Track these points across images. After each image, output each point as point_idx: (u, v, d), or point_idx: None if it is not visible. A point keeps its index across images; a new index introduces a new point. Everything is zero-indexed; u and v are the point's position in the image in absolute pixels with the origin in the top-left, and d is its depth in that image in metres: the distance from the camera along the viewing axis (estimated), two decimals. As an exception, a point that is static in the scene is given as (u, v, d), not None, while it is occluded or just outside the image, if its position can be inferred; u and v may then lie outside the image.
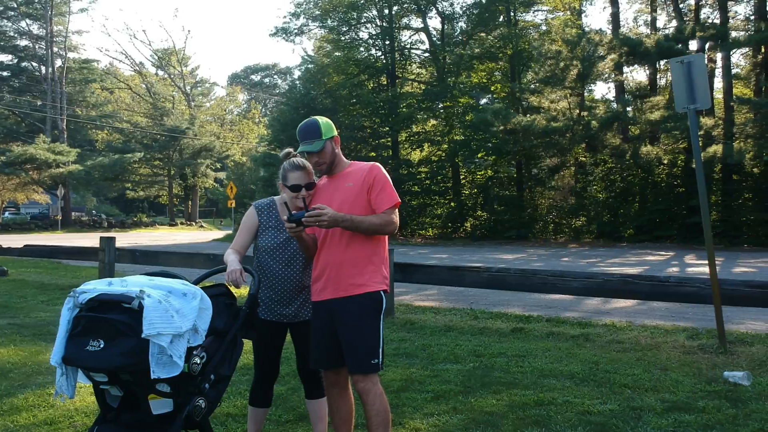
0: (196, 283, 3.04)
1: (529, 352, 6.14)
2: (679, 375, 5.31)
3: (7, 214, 55.16)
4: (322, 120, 3.41)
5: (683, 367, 5.54)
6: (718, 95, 28.66)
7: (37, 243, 15.62)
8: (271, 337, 3.52)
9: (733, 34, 25.95)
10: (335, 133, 3.43)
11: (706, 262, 6.36)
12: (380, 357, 3.20)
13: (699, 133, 23.58)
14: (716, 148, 22.89)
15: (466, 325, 7.45)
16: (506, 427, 4.07)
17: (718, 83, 28.38)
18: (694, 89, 5.92)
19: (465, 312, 8.39)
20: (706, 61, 6.11)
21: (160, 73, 60.31)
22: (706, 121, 23.21)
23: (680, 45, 24.83)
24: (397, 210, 3.34)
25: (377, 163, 3.39)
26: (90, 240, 28.91)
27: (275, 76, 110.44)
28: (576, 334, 6.81)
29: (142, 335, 2.54)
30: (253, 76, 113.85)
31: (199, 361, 2.76)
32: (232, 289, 3.18)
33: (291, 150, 3.63)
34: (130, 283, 2.74)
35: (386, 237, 3.37)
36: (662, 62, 27.56)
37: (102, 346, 2.60)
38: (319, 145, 3.30)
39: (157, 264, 10.25)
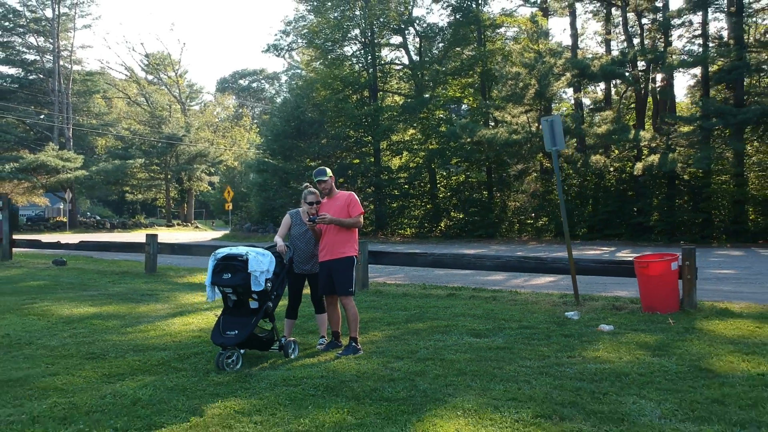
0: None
1: (453, 305, 9.49)
2: (539, 315, 8.67)
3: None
4: (327, 168, 6.78)
5: (545, 312, 8.91)
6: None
7: (90, 239, 18.70)
8: (298, 281, 6.85)
9: (675, 56, 29.55)
10: (332, 174, 6.79)
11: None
12: (353, 287, 6.55)
13: (642, 144, 26.93)
14: (654, 158, 26.45)
15: (417, 293, 10.81)
16: (424, 334, 7.41)
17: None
18: (555, 137, 9.30)
19: (418, 285, 11.77)
20: (561, 120, 9.42)
21: (152, 78, 63.40)
22: (645, 135, 26.79)
23: (625, 67, 28.42)
24: (362, 216, 6.70)
25: (353, 192, 6.76)
26: (101, 239, 31.93)
27: (263, 81, 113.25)
28: (488, 297, 10.19)
29: (248, 271, 5.87)
30: (241, 81, 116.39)
31: (270, 285, 6.08)
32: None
33: (308, 183, 6.97)
34: (241, 249, 6.07)
35: (357, 229, 6.72)
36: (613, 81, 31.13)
37: (230, 276, 5.93)
38: (325, 177, 6.65)
39: (190, 254, 13.53)
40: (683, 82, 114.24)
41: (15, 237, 16.56)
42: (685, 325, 7.71)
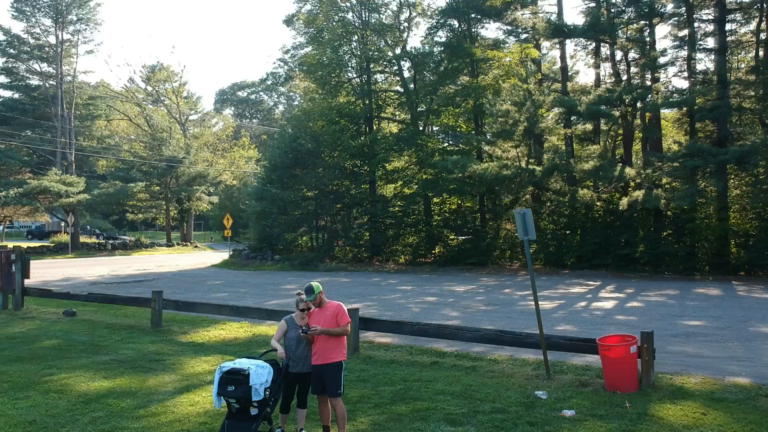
0: (262, 355, 7.31)
1: (436, 378, 10.41)
2: (512, 393, 9.59)
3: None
4: (315, 283, 7.70)
5: (518, 388, 9.82)
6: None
7: (98, 292, 19.61)
8: (292, 380, 7.77)
9: (660, 93, 30.57)
10: (321, 289, 7.71)
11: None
12: (342, 389, 7.48)
13: (628, 179, 27.73)
14: (638, 193, 27.45)
15: (404, 360, 11.74)
16: (406, 420, 8.33)
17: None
18: (527, 227, 10.24)
19: (405, 349, 12.69)
20: (531, 213, 10.39)
21: (152, 89, 64.61)
22: (630, 172, 27.79)
23: (612, 104, 29.44)
24: (349, 324, 7.63)
25: (342, 304, 7.69)
26: (104, 267, 32.85)
27: (261, 93, 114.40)
28: (468, 366, 11.12)
29: (250, 384, 6.80)
30: (239, 93, 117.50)
31: (268, 394, 7.01)
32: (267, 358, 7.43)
33: (301, 291, 7.90)
34: (243, 363, 7.00)
35: (345, 336, 7.65)
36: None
37: (234, 388, 6.85)
38: (313, 297, 7.58)
39: (194, 311, 14.43)
40: (671, 113, 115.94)
41: (27, 285, 17.52)
42: (639, 411, 8.64)
